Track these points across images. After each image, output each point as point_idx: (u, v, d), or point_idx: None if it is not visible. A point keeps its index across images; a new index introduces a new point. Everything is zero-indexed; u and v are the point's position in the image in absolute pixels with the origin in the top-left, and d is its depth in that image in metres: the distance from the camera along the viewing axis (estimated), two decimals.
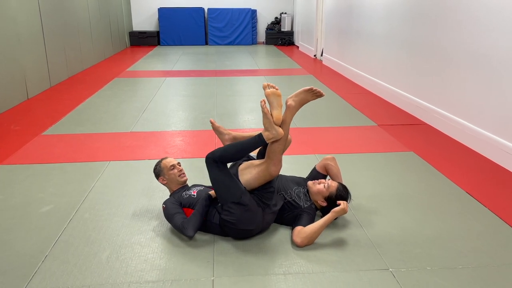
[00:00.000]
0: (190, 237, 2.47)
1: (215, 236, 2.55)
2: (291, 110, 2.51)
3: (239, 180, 2.49)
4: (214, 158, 2.44)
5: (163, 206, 2.63)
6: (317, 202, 2.67)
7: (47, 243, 2.49)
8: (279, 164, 2.46)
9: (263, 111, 2.41)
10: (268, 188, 2.52)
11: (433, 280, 2.16)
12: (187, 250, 2.42)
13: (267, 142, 2.43)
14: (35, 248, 2.44)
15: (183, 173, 2.78)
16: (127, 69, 8.74)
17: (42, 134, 4.52)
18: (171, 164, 2.74)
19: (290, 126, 2.55)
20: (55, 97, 6.23)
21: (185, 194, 2.65)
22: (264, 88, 2.51)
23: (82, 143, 4.23)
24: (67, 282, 2.15)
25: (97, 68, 8.96)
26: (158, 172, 2.76)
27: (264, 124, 2.43)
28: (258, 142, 2.44)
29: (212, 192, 2.58)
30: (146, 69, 8.81)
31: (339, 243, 2.49)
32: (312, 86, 2.54)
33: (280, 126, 2.45)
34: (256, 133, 2.52)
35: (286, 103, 2.52)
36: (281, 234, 2.59)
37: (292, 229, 2.53)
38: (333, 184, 2.66)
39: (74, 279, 2.17)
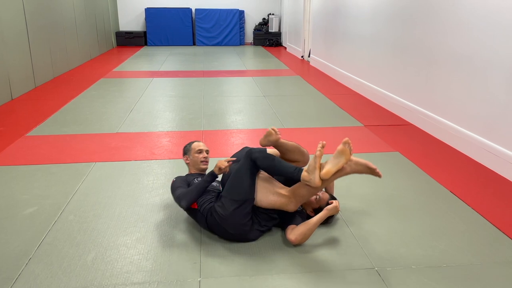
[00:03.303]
0: (184, 208, 2.51)
1: (202, 237, 2.55)
2: (340, 174, 2.39)
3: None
4: (251, 157, 2.41)
5: (172, 180, 2.71)
6: (306, 211, 2.70)
7: (31, 245, 2.46)
8: (297, 206, 2.48)
9: (316, 154, 2.31)
10: (272, 213, 2.55)
11: (418, 278, 2.19)
12: (174, 251, 2.41)
13: (301, 181, 2.37)
14: (19, 250, 2.41)
15: (206, 161, 2.84)
16: (114, 70, 8.67)
17: (27, 135, 4.45)
18: (199, 148, 2.84)
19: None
20: (39, 98, 6.15)
21: (197, 180, 2.68)
22: (344, 143, 2.33)
23: (68, 144, 4.18)
24: (51, 285, 2.12)
25: (83, 68, 8.87)
26: (186, 150, 2.88)
27: (309, 165, 2.35)
28: (294, 175, 2.38)
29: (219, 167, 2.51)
30: (133, 70, 8.75)
31: (326, 243, 2.51)
32: (376, 167, 2.39)
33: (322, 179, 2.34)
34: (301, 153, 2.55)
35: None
36: (268, 235, 2.59)
37: (285, 228, 2.54)
38: (324, 197, 2.66)
39: (58, 281, 2.15)
